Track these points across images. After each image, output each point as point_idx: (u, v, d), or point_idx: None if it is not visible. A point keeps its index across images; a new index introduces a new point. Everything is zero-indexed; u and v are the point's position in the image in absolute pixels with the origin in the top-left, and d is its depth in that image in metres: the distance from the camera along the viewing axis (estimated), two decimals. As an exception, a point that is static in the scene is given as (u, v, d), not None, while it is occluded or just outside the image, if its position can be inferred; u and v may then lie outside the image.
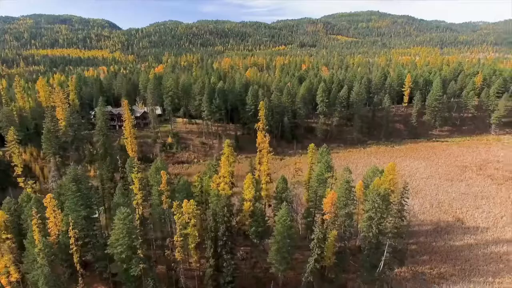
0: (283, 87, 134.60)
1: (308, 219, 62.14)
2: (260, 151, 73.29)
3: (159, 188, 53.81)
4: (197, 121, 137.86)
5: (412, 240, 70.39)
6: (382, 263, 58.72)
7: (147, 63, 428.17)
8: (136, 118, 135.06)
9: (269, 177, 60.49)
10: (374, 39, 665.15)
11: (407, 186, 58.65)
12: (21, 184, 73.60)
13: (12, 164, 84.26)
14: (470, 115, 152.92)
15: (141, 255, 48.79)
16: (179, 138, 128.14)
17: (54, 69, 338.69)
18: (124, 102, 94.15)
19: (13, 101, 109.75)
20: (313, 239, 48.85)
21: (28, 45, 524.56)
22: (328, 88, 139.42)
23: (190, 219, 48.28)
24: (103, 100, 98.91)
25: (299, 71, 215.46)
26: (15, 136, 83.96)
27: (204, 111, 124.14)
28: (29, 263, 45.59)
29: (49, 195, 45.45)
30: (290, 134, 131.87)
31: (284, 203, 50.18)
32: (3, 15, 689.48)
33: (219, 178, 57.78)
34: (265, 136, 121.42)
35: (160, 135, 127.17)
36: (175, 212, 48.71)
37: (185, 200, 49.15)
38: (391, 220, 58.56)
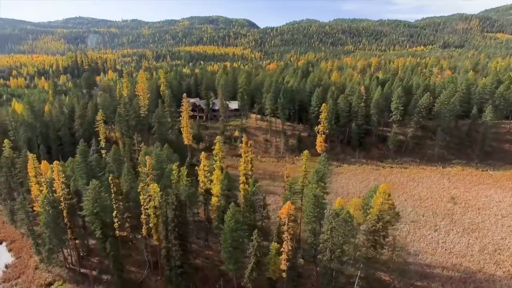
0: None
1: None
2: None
3: (145, 171, 61.10)
4: (269, 118, 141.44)
5: (420, 283, 57.85)
6: (351, 295, 51.71)
7: (268, 60, 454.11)
8: (214, 111, 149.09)
9: (245, 178, 60.03)
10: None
11: (393, 210, 49.69)
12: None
13: (99, 139, 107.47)
14: None
15: (117, 223, 57.65)
16: (246, 133, 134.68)
17: (190, 63, 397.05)
18: (183, 95, 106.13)
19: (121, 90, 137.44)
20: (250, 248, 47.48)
21: (180, 42, 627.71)
22: (412, 94, 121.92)
23: (150, 201, 53.88)
24: (170, 93, 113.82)
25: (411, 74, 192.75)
26: (102, 117, 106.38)
27: (267, 109, 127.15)
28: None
29: (56, 162, 58.41)
30: (357, 141, 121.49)
31: (232, 204, 50.13)
32: (168, 18, 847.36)
33: (200, 170, 61.25)
34: (326, 140, 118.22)
35: (229, 128, 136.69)
36: (140, 193, 55.22)
37: (154, 184, 55.13)
38: (364, 249, 50.87)
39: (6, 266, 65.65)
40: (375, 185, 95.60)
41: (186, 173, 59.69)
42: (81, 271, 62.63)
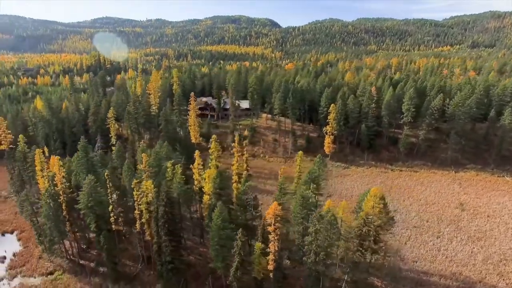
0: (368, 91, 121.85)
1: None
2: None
3: (141, 168, 62.59)
4: (278, 118, 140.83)
5: (415, 290, 56.10)
6: (339, 299, 50.97)
7: (288, 60, 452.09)
8: (225, 110, 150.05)
9: (237, 177, 60.19)
10: None
11: (384, 214, 48.47)
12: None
13: (110, 135, 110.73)
14: None
15: (113, 218, 59.37)
16: (255, 132, 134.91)
17: (210, 62, 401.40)
18: (191, 94, 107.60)
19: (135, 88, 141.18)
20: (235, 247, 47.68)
21: (202, 42, 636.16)
22: (426, 95, 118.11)
23: (143, 197, 55.20)
24: (179, 92, 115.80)
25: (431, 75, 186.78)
26: (113, 114, 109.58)
27: (276, 109, 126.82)
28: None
29: (56, 158, 60.85)
30: (367, 142, 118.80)
31: (220, 202, 50.48)
32: (192, 18, 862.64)
33: (194, 168, 62.04)
34: (334, 141, 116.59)
35: (239, 128, 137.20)
36: (134, 189, 56.57)
37: (147, 181, 56.48)
38: (351, 253, 50.00)
39: (14, 254, 69.22)
40: (381, 188, 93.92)
41: (180, 171, 60.53)
42: (80, 262, 65.08)
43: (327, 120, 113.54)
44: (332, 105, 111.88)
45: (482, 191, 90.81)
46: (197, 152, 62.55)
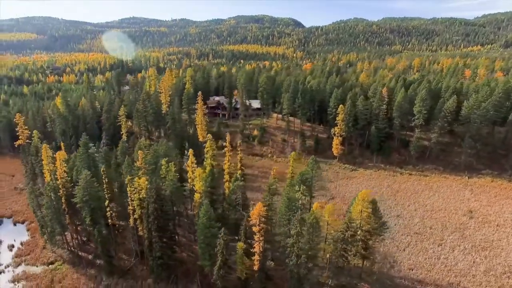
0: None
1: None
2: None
3: (137, 164, 64.07)
4: (287, 118, 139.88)
5: (406, 298, 54.26)
6: (323, 303, 50.20)
7: (309, 60, 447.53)
8: (236, 109, 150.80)
9: (228, 176, 60.24)
10: None
11: (373, 219, 47.33)
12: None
13: (121, 132, 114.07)
14: None
15: (109, 213, 61.23)
16: (264, 132, 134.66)
17: (230, 62, 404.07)
18: (199, 94, 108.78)
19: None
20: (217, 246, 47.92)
21: (225, 41, 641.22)
22: (441, 97, 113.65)
23: (136, 193, 56.53)
24: (188, 91, 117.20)
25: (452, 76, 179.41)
26: (124, 112, 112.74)
27: (285, 109, 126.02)
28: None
29: (59, 152, 63.39)
30: (377, 144, 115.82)
31: (206, 201, 50.88)
32: (215, 18, 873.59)
33: (188, 167, 62.79)
34: (343, 142, 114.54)
35: (249, 127, 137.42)
36: (128, 185, 58.02)
37: (142, 177, 57.81)
38: (334, 257, 49.08)
39: (21, 243, 72.92)
40: (386, 192, 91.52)
41: (174, 169, 61.47)
42: (79, 254, 67.49)
43: (336, 121, 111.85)
44: (341, 106, 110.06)
45: (495, 199, 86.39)
46: (190, 151, 63.25)
